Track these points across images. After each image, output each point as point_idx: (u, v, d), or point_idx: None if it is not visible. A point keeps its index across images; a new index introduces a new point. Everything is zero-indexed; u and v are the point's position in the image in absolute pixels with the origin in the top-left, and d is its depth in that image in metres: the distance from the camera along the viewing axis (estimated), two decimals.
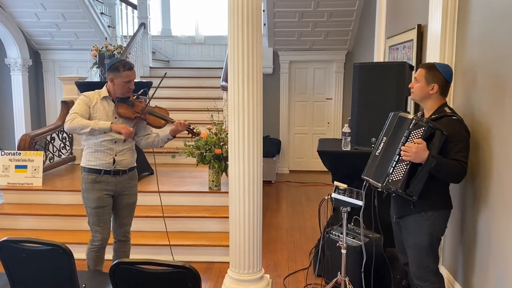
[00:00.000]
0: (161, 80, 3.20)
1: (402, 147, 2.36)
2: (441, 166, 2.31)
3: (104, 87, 3.06)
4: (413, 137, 2.36)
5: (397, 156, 2.40)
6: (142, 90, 3.17)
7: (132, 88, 3.05)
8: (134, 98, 3.11)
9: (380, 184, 2.46)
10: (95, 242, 3.06)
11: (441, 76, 2.48)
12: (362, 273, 2.92)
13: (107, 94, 3.03)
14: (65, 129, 2.94)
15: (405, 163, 2.37)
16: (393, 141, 2.48)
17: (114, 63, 3.00)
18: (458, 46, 3.00)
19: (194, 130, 3.30)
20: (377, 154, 2.57)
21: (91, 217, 3.04)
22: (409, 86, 2.62)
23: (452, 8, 3.02)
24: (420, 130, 2.35)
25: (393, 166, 2.41)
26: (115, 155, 3.01)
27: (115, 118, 3.02)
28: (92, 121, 2.91)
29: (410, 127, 2.39)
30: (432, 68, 2.51)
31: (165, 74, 3.35)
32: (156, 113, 3.16)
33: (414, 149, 2.31)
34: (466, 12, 2.88)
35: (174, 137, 3.14)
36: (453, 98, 3.02)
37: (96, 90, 3.06)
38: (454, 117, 2.44)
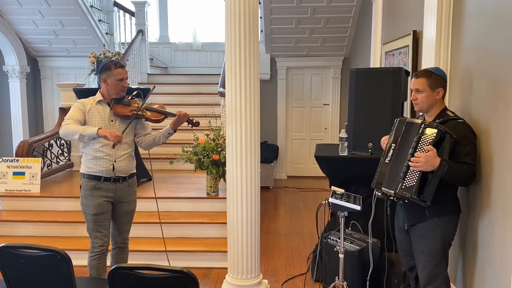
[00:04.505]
0: (149, 93, 3.19)
1: (412, 158, 2.32)
2: (453, 170, 2.30)
3: (98, 92, 3.06)
4: (423, 142, 2.33)
5: (408, 162, 2.36)
6: (136, 92, 3.16)
7: (125, 87, 3.04)
8: (129, 98, 3.11)
9: (392, 191, 2.42)
10: (96, 249, 3.01)
11: (442, 78, 2.50)
12: (368, 281, 2.93)
13: (102, 98, 3.02)
14: (60, 135, 2.97)
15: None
16: (403, 147, 2.44)
17: (105, 64, 3.04)
18: (453, 51, 3.03)
19: (194, 121, 3.22)
20: (386, 161, 2.53)
21: (90, 223, 3.01)
22: (412, 98, 2.56)
23: (447, 15, 3.06)
24: (431, 135, 2.32)
25: (405, 172, 2.37)
26: (114, 161, 2.98)
27: (112, 121, 3.01)
28: (81, 127, 2.88)
29: (420, 131, 2.36)
30: (431, 74, 2.49)
31: (153, 87, 3.32)
32: (153, 108, 3.15)
33: (424, 158, 2.27)
34: (460, 19, 2.91)
35: (175, 131, 3.10)
36: (448, 102, 3.04)
37: (90, 97, 3.05)
38: (459, 120, 2.45)
